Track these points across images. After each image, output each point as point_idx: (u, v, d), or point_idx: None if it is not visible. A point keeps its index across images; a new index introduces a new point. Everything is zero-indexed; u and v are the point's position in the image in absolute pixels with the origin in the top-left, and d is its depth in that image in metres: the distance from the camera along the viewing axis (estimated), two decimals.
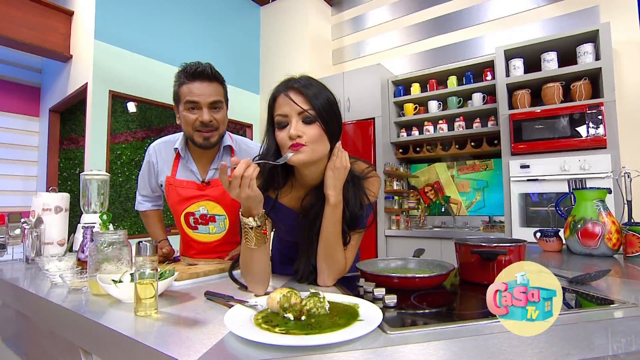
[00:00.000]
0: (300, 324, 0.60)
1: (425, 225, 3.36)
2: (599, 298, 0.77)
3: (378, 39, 3.82)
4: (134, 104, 3.00)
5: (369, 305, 0.67)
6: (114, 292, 0.78)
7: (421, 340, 0.55)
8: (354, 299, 0.72)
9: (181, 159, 1.30)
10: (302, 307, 0.63)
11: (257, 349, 0.52)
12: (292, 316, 0.61)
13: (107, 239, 0.90)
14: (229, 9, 3.92)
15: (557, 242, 1.52)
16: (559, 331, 0.59)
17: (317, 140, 0.83)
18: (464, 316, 0.69)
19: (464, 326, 0.60)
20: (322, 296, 0.66)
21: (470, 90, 3.01)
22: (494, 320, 0.63)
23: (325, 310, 0.64)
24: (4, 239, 1.42)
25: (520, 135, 2.54)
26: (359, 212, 0.91)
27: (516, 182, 2.53)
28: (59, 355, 0.82)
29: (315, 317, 0.62)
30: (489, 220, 3.00)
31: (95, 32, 2.65)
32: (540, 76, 2.58)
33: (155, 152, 1.34)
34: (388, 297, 0.72)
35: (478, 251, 0.86)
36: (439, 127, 3.13)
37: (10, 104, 3.31)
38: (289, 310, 0.62)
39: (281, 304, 0.62)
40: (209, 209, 1.28)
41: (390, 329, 0.58)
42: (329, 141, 0.86)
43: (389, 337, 0.56)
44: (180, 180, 1.29)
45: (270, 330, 0.57)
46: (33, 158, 3.46)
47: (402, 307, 0.73)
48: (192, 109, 1.17)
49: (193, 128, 1.19)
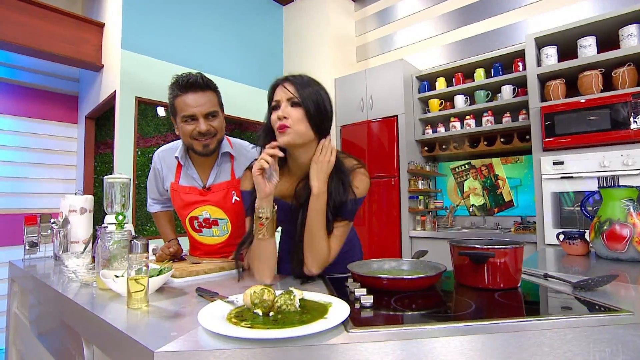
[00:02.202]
0: (267, 319, 0.64)
1: (454, 225, 3.27)
2: (593, 304, 0.75)
3: (403, 33, 3.78)
4: (163, 108, 3.20)
5: (341, 305, 0.70)
6: (114, 287, 0.87)
7: (380, 340, 0.57)
8: (331, 298, 0.75)
9: (182, 166, 1.37)
10: (272, 303, 0.67)
11: (218, 339, 0.57)
12: (261, 312, 0.66)
13: (113, 237, 1.00)
14: (251, 11, 4.04)
15: (582, 245, 1.45)
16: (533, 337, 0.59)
17: (299, 122, 0.96)
18: (433, 318, 0.70)
19: (422, 329, 0.61)
20: (294, 294, 0.70)
21: (500, 83, 2.90)
22: (458, 324, 0.63)
23: (295, 308, 0.68)
24: (37, 238, 1.59)
25: (552, 130, 2.41)
26: (342, 203, 0.99)
27: (548, 180, 2.41)
28: (71, 347, 0.92)
29: (284, 313, 0.66)
30: (521, 221, 2.87)
31: (122, 42, 2.86)
32: (576, 64, 2.43)
33: (159, 159, 1.42)
34: (364, 298, 0.75)
35: (465, 253, 0.86)
36: (466, 122, 3.04)
37: (51, 112, 3.66)
38: (259, 306, 0.66)
39: (252, 300, 0.67)
40: (211, 213, 1.36)
41: (353, 327, 0.61)
42: (313, 129, 0.98)
43: (348, 335, 0.59)
44: (183, 187, 1.37)
45: (237, 324, 0.62)
46: (72, 162, 3.79)
47: (379, 308, 0.75)
48: (188, 121, 1.24)
49: (191, 137, 1.26)
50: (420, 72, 3.36)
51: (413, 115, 3.27)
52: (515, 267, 0.88)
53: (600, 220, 1.35)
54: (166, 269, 0.97)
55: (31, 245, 1.57)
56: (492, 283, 0.87)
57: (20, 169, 3.44)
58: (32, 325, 1.26)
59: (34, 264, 1.50)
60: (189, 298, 0.87)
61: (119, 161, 2.85)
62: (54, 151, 3.64)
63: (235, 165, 1.37)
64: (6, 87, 3.42)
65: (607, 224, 1.32)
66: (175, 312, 0.76)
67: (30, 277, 1.27)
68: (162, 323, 0.69)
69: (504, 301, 0.79)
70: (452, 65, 3.17)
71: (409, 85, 3.27)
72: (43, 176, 3.55)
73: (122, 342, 0.63)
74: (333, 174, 0.99)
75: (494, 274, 0.87)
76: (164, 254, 1.26)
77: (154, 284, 0.90)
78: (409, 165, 3.10)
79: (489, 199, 3.18)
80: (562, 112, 2.40)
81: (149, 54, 3.05)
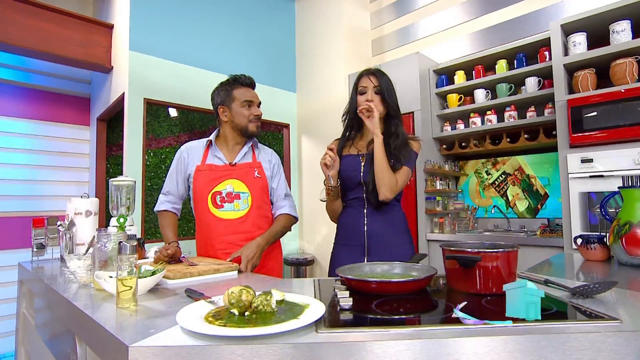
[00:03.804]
0: (242, 318, 0.70)
1: (476, 228, 3.24)
2: (582, 311, 0.76)
3: (422, 24, 3.76)
4: (175, 109, 3.34)
5: (318, 307, 0.74)
6: (106, 287, 0.95)
7: (345, 340, 0.61)
8: (310, 299, 0.80)
9: (210, 148, 1.70)
10: (249, 304, 0.73)
11: (191, 337, 0.63)
12: (237, 312, 0.72)
13: (110, 239, 1.08)
14: (262, 7, 4.13)
15: (601, 250, 1.43)
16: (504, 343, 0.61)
17: (379, 104, 1.49)
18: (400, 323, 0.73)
19: (387, 332, 0.65)
20: (271, 295, 0.75)
21: (523, 75, 2.85)
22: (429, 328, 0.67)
23: (272, 308, 0.73)
24: (44, 240, 1.72)
25: (580, 124, 2.35)
26: (399, 150, 1.48)
27: (576, 180, 2.35)
28: (68, 345, 1.01)
29: (259, 313, 0.72)
30: (548, 223, 2.81)
31: (130, 44, 3.01)
32: (608, 52, 2.37)
33: (186, 149, 1.73)
34: (343, 300, 0.79)
35: (453, 256, 0.89)
36: (487, 118, 3.00)
37: (64, 114, 3.88)
38: (235, 306, 0.72)
39: (229, 300, 0.73)
40: (234, 186, 1.63)
41: (323, 328, 0.66)
42: (388, 111, 1.52)
43: (317, 335, 0.64)
44: (210, 164, 1.67)
45: (212, 322, 0.68)
46: (85, 165, 4.00)
47: (359, 310, 0.79)
48: (248, 106, 1.66)
49: (248, 120, 1.66)
50: (437, 65, 3.34)
51: (430, 112, 3.26)
52: (508, 272, 0.90)
53: (619, 223, 1.33)
54: (159, 270, 1.05)
55: (39, 247, 1.70)
56: (484, 288, 0.89)
57: (34, 172, 3.68)
58: (37, 325, 1.37)
59: (42, 265, 1.63)
60: (179, 299, 0.94)
61: (128, 163, 3.00)
62: (67, 154, 3.87)
63: (256, 152, 1.76)
64: (20, 91, 3.66)
65: (626, 227, 1.30)
66: (161, 312, 0.83)
67: (35, 278, 1.38)
68: (145, 321, 0.76)
69: (490, 307, 0.82)
70: (472, 57, 3.13)
71: (426, 80, 3.26)
72: (56, 179, 3.78)
73: (104, 338, 0.70)
74: (393, 132, 1.51)
75: (484, 278, 0.89)
76: (162, 256, 1.35)
77: (145, 285, 0.98)
78: (425, 164, 3.10)
79: (530, 199, 3.13)
80: (592, 104, 2.34)
81: (158, 54, 3.19)
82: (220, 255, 1.54)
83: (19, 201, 3.58)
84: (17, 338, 1.68)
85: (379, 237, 1.47)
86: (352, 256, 1.47)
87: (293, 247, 4.27)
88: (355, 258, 1.45)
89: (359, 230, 1.49)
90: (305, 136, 4.35)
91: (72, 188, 3.84)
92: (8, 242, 3.46)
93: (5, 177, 3.53)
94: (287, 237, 4.19)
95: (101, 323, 0.72)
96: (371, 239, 1.47)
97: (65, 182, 3.84)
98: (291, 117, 4.39)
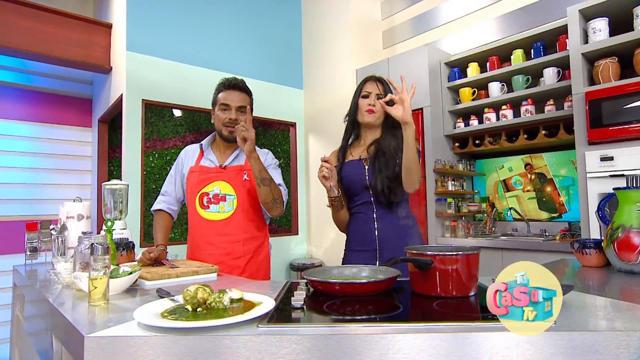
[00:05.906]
0: (194, 314, 0.82)
1: (493, 232, 3.26)
2: None
3: (435, 12, 3.80)
4: (179, 110, 3.53)
5: (269, 304, 0.85)
6: (82, 286, 1.09)
7: (283, 334, 0.72)
8: (265, 298, 0.91)
9: (205, 150, 1.86)
10: (203, 301, 0.85)
11: (143, 329, 0.76)
12: (190, 308, 0.83)
13: (88, 242, 1.23)
14: (266, 1, 4.26)
15: (597, 256, 1.47)
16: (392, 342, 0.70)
17: (382, 109, 1.60)
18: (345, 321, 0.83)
19: (319, 327, 0.75)
20: (225, 293, 0.87)
21: (541, 65, 2.86)
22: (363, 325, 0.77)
23: (223, 305, 0.85)
24: (37, 244, 1.91)
25: (600, 119, 2.36)
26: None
27: (594, 179, 2.36)
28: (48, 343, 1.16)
29: (211, 310, 0.83)
30: (569, 227, 2.81)
31: (128, 44, 3.21)
32: (631, 38, 2.36)
33: (185, 150, 1.92)
34: (295, 299, 0.90)
35: (406, 259, 0.97)
36: (502, 113, 3.03)
37: (66, 116, 4.15)
38: (189, 302, 0.84)
39: (184, 297, 0.85)
40: (221, 188, 1.77)
41: (263, 324, 0.76)
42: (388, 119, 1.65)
43: (256, 329, 0.74)
44: (202, 166, 1.82)
45: (166, 317, 0.80)
46: (87, 167, 4.26)
47: (310, 309, 0.90)
48: (223, 110, 1.76)
49: (222, 124, 1.76)
50: (449, 57, 3.39)
51: (441, 107, 3.31)
52: (468, 275, 0.98)
53: (613, 226, 1.37)
54: (134, 271, 1.18)
55: (32, 251, 1.88)
56: (442, 290, 0.98)
57: (36, 175, 3.95)
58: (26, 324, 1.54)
59: (35, 269, 1.81)
60: (149, 298, 1.07)
61: (126, 165, 3.20)
62: (69, 156, 4.13)
63: None
64: (21, 93, 3.95)
65: (618, 231, 1.34)
66: (128, 309, 0.95)
67: (24, 280, 1.55)
68: (109, 316, 0.89)
69: (440, 310, 0.90)
70: (486, 47, 3.16)
71: (436, 74, 3.31)
72: (58, 182, 4.04)
73: (68, 331, 0.83)
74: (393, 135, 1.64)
75: (442, 281, 0.97)
76: (145, 258, 1.49)
77: (120, 285, 1.11)
78: (435, 164, 3.15)
79: (545, 210, 3.16)
80: (612, 97, 2.34)
81: (157, 54, 3.39)
82: (204, 257, 1.68)
83: (21, 205, 3.86)
84: (12, 339, 1.87)
85: (391, 241, 1.58)
86: (364, 261, 1.57)
87: (300, 252, 4.39)
88: (367, 263, 1.56)
89: (370, 236, 1.60)
90: (312, 135, 4.45)
91: (75, 191, 4.10)
92: (8, 247, 3.72)
93: (7, 181, 3.81)
94: (294, 241, 4.34)
95: (67, 317, 0.85)
96: (382, 243, 1.58)
97: (68, 185, 4.10)
98: (298, 115, 4.51)
